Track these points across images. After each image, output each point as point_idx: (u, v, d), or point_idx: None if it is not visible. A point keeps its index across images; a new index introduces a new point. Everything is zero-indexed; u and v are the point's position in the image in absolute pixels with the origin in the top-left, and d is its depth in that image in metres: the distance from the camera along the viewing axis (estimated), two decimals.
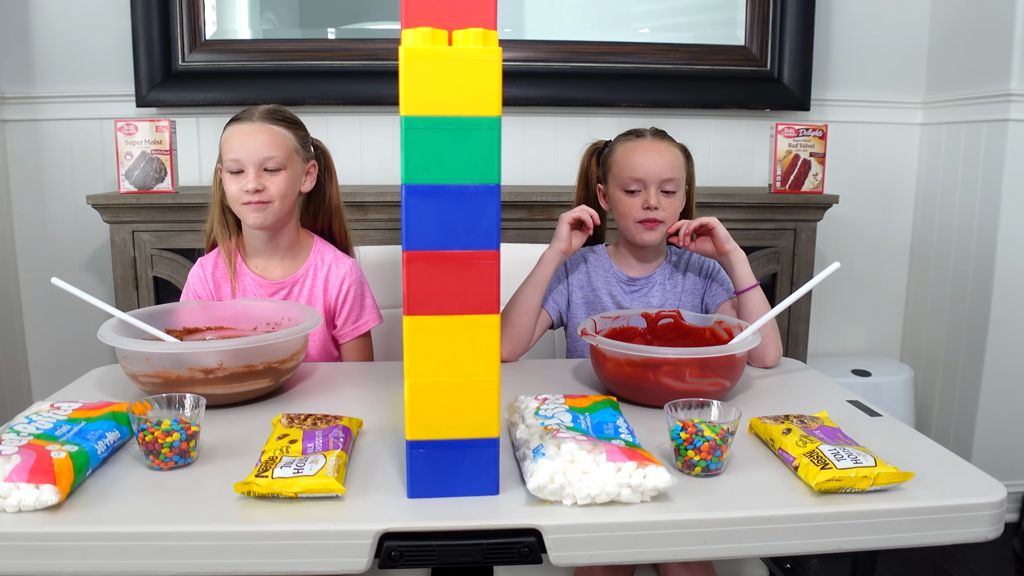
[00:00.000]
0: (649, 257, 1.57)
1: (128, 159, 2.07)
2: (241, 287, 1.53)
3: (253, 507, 0.83)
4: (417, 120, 0.79)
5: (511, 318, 1.46)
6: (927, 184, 2.52)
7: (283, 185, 1.45)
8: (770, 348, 1.37)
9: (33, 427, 0.93)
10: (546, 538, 0.81)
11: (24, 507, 0.81)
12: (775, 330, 1.39)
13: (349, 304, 1.55)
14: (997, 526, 0.86)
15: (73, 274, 2.39)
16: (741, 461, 0.96)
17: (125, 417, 1.00)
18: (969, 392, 2.31)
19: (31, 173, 2.36)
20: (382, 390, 1.25)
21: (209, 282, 1.53)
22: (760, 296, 1.44)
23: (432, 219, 0.81)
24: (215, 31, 2.32)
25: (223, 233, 1.55)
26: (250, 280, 1.54)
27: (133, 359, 1.12)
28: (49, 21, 2.29)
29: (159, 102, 2.28)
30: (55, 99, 2.32)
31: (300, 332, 1.19)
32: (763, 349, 1.36)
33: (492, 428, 0.86)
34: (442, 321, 0.83)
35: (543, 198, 2.11)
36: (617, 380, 1.17)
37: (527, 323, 1.47)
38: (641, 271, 1.57)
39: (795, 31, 2.38)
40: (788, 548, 0.84)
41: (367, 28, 2.36)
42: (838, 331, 2.65)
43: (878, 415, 1.13)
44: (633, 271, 1.56)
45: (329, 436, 0.95)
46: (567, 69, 2.36)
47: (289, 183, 1.46)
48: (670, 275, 1.56)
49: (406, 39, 0.80)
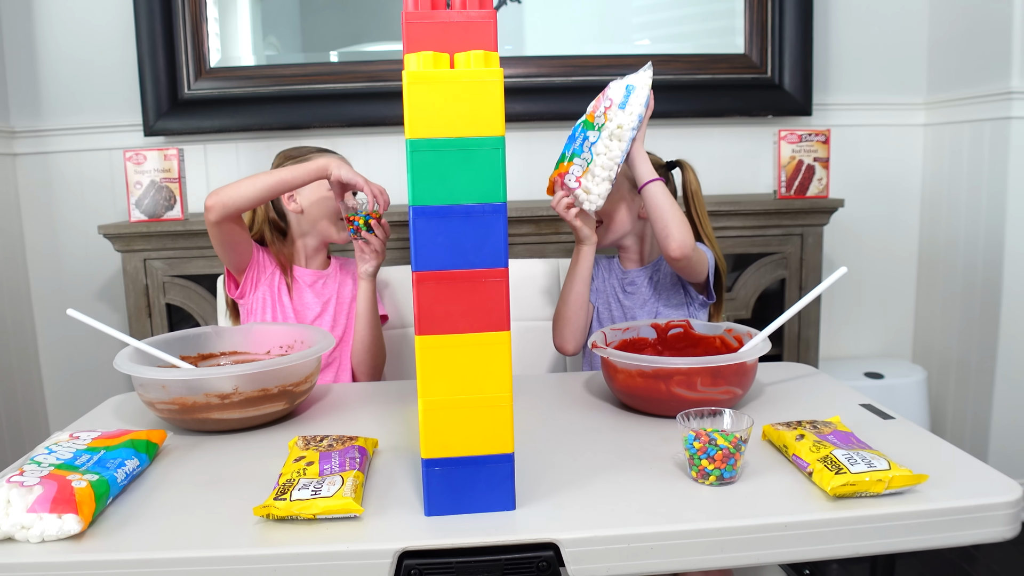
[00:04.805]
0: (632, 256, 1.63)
1: (138, 188, 2.09)
2: (291, 276, 1.65)
3: (273, 530, 0.84)
4: (422, 143, 0.81)
5: (567, 315, 1.55)
6: (932, 184, 2.52)
7: None
8: (671, 232, 1.38)
9: (53, 457, 0.94)
10: (564, 552, 0.81)
11: (47, 537, 0.82)
12: (680, 218, 1.39)
13: None
14: (1014, 525, 0.86)
15: (86, 304, 2.42)
16: (755, 468, 0.97)
17: (144, 444, 1.02)
18: (983, 391, 2.30)
19: (42, 205, 2.39)
20: (396, 409, 1.26)
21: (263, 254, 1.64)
22: (661, 191, 1.41)
23: (440, 239, 0.83)
24: (219, 58, 2.34)
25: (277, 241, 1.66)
26: (298, 272, 1.65)
27: (149, 387, 1.14)
28: (55, 54, 2.33)
29: (167, 131, 2.31)
30: (64, 131, 2.35)
31: (313, 354, 1.20)
32: (663, 233, 1.39)
33: (507, 444, 0.87)
34: (454, 340, 0.84)
35: (550, 212, 2.11)
36: (629, 392, 1.18)
37: (583, 317, 1.56)
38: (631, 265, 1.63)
39: (794, 37, 2.39)
40: (805, 554, 0.84)
41: (369, 50, 2.38)
42: (849, 334, 2.64)
43: (891, 418, 1.13)
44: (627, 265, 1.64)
45: (345, 457, 0.96)
46: (569, 83, 2.38)
47: None
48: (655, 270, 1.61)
49: (409, 63, 0.81)
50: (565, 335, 1.56)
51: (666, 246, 1.39)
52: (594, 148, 1.39)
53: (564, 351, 1.57)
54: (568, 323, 1.55)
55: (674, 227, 1.38)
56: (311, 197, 1.61)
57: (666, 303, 1.57)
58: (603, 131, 1.38)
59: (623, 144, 1.38)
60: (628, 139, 1.38)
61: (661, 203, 1.40)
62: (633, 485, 0.93)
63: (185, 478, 1.00)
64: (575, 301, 1.54)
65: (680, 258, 1.40)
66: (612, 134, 1.38)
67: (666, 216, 1.38)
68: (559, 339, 1.57)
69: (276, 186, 1.46)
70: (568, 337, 1.56)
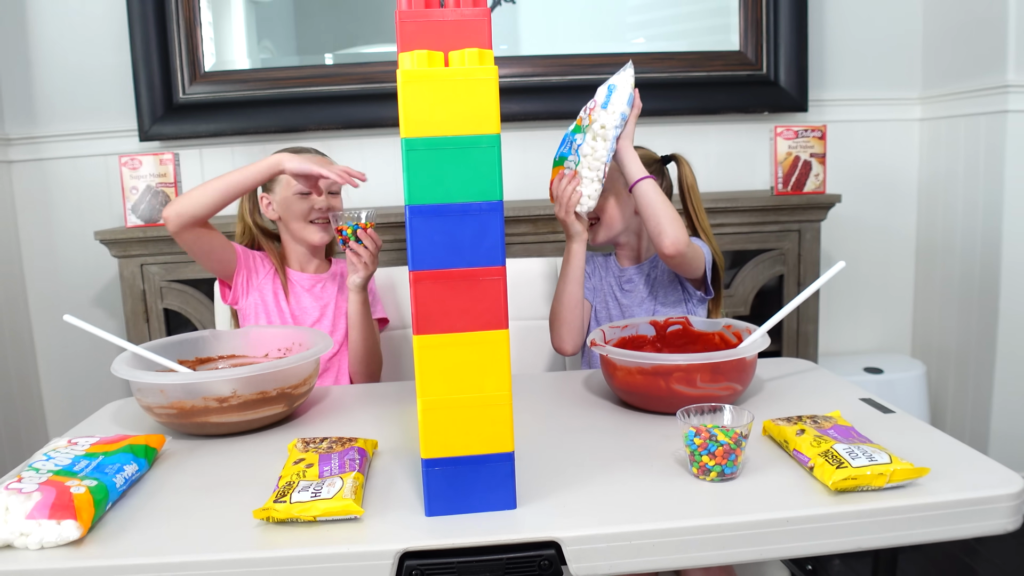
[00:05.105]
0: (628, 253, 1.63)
1: (134, 193, 2.09)
2: (287, 278, 1.65)
3: (273, 533, 0.84)
4: (418, 142, 0.80)
5: (563, 315, 1.53)
6: (929, 179, 2.52)
7: (340, 205, 1.64)
8: (664, 229, 1.37)
9: (52, 464, 0.94)
10: (565, 550, 0.81)
11: (46, 544, 0.81)
12: (672, 215, 1.38)
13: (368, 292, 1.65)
14: (1016, 518, 0.86)
15: (84, 310, 2.41)
16: (756, 464, 0.96)
17: (142, 449, 1.01)
18: (983, 384, 2.30)
19: (39, 212, 2.39)
20: (395, 410, 1.26)
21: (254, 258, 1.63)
22: (652, 189, 1.40)
23: (437, 238, 0.82)
24: (214, 63, 2.34)
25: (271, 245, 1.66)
26: (293, 276, 1.65)
27: (147, 391, 1.13)
28: (50, 61, 2.32)
29: (162, 135, 2.31)
30: (59, 138, 2.35)
31: (311, 357, 1.19)
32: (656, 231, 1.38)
33: (507, 442, 0.86)
34: (452, 339, 0.84)
35: (547, 212, 2.11)
36: (628, 389, 1.18)
37: (579, 316, 1.54)
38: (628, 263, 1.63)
39: (789, 33, 2.39)
40: (807, 549, 0.84)
41: (363, 52, 2.38)
42: (848, 330, 2.64)
43: (891, 412, 1.13)
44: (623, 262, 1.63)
45: (345, 458, 0.95)
46: (565, 83, 2.38)
47: (342, 204, 1.65)
48: (652, 267, 1.60)
49: (403, 62, 0.81)
50: (563, 335, 1.54)
51: (660, 244, 1.39)
52: (580, 150, 1.40)
53: (563, 351, 1.56)
54: (564, 323, 1.54)
55: (667, 224, 1.38)
56: (281, 202, 1.60)
57: (663, 300, 1.56)
58: (587, 132, 1.39)
59: (608, 143, 1.38)
60: (612, 138, 1.38)
61: (652, 201, 1.39)
62: (634, 482, 0.93)
63: (184, 482, 0.99)
64: (569, 300, 1.52)
65: (674, 255, 1.39)
66: (596, 134, 1.38)
67: (658, 214, 1.38)
68: (557, 340, 1.56)
69: (228, 189, 1.43)
70: (566, 337, 1.54)
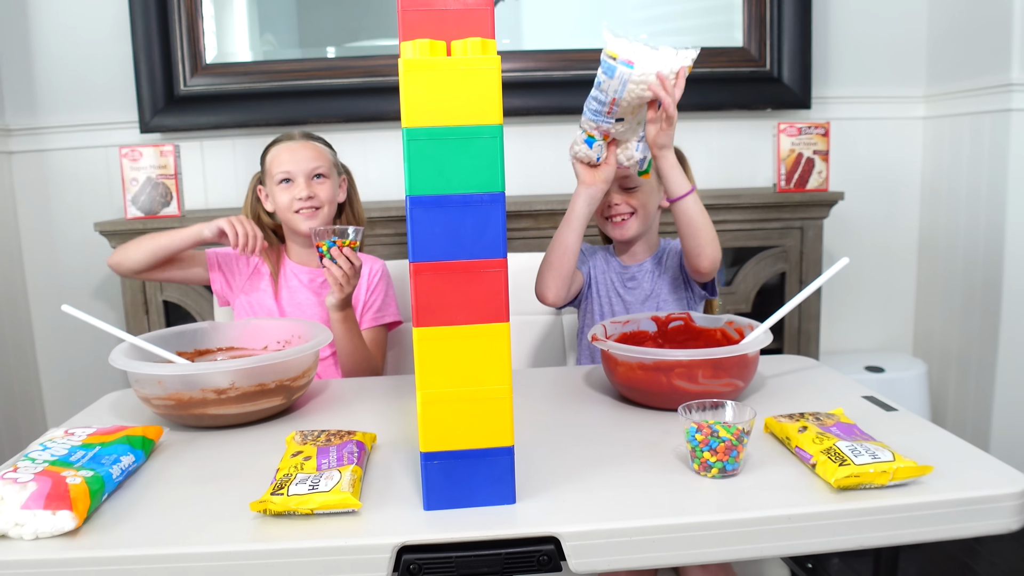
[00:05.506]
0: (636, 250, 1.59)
1: (134, 185, 2.08)
2: (283, 275, 1.65)
3: (270, 525, 0.83)
4: (419, 131, 0.80)
5: (550, 259, 1.45)
6: (932, 177, 2.51)
7: (329, 192, 1.60)
8: (705, 250, 1.35)
9: (48, 454, 0.93)
10: (565, 545, 0.80)
11: (41, 534, 0.81)
12: (713, 233, 1.36)
13: (375, 294, 1.65)
14: (1019, 517, 0.85)
15: (83, 301, 2.41)
16: (758, 461, 0.96)
17: (140, 441, 1.01)
18: (984, 384, 2.29)
19: (39, 203, 2.38)
20: (394, 403, 1.25)
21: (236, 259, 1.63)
22: (695, 205, 1.34)
23: (438, 230, 0.81)
24: (216, 55, 2.33)
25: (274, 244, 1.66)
26: (294, 269, 1.65)
27: (145, 382, 1.13)
28: (51, 51, 2.31)
29: (163, 127, 2.30)
30: (60, 129, 2.34)
31: (310, 349, 1.19)
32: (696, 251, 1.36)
33: (507, 436, 0.86)
34: (452, 331, 0.83)
35: (548, 206, 2.11)
36: (630, 385, 1.17)
37: (568, 264, 1.44)
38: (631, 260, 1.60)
39: (793, 30, 2.38)
40: (808, 547, 0.83)
41: (366, 45, 2.37)
42: (849, 328, 2.64)
43: (894, 409, 1.12)
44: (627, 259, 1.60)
45: (343, 451, 0.95)
46: (567, 78, 2.36)
47: (332, 191, 1.61)
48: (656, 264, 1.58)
49: (405, 51, 0.80)
50: (547, 280, 1.45)
51: (697, 263, 1.36)
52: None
53: (544, 299, 1.48)
54: (550, 267, 1.44)
55: (707, 244, 1.35)
56: (271, 195, 1.60)
57: (666, 299, 1.55)
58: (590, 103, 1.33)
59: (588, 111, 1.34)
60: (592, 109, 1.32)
61: (694, 219, 1.34)
62: (634, 478, 0.92)
63: (181, 474, 0.99)
64: (559, 244, 1.43)
65: (708, 273, 1.38)
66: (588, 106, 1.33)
67: (700, 233, 1.33)
68: (540, 286, 1.47)
69: (158, 251, 1.52)
70: (550, 283, 1.45)
